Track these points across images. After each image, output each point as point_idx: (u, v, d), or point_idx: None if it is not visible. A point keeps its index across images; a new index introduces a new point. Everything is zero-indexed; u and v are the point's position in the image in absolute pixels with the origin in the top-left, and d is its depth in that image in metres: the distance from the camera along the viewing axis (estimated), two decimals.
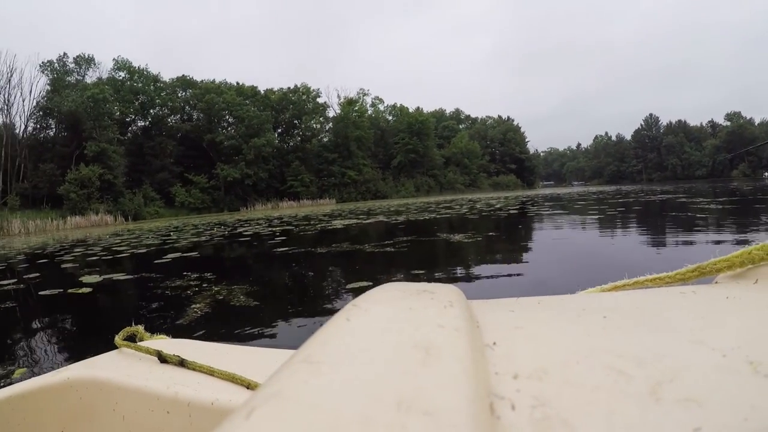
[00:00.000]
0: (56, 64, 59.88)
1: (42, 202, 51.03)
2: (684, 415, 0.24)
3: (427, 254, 6.93)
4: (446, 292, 0.45)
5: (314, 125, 72.95)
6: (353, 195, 68.35)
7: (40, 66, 59.07)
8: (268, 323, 4.03)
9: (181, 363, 0.93)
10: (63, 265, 9.58)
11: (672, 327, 0.37)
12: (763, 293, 0.45)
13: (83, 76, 61.67)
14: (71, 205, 47.39)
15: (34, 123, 57.28)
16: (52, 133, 57.42)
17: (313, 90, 72.83)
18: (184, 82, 66.68)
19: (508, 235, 9.41)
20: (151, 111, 62.67)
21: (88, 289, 5.89)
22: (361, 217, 18.52)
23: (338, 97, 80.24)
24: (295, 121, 71.78)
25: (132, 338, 1.16)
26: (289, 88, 72.95)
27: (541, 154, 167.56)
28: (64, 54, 61.24)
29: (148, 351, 1.01)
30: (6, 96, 56.83)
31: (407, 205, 30.16)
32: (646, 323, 0.39)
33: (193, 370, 0.91)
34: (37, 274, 8.41)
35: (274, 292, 5.50)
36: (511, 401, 0.27)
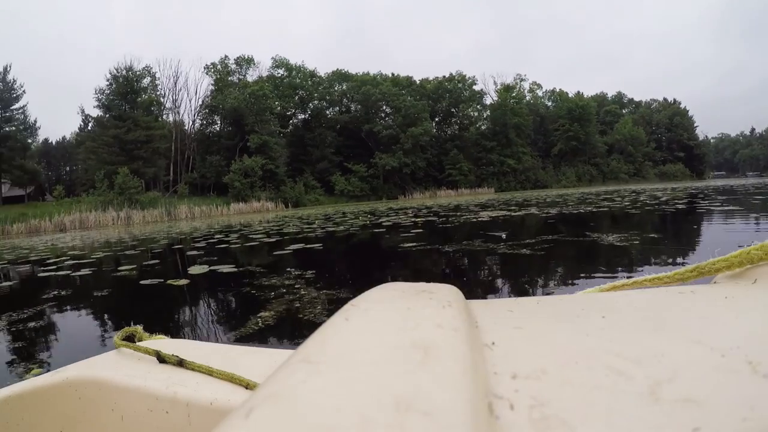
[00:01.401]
0: (219, 66, 61.63)
1: (209, 189, 53.24)
2: (683, 415, 0.24)
3: (563, 262, 5.39)
4: (445, 292, 0.43)
5: (471, 113, 67.49)
6: (512, 184, 62.00)
7: (204, 68, 61.70)
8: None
9: (180, 363, 0.90)
10: (188, 253, 9.13)
11: (671, 327, 0.36)
12: (762, 293, 0.44)
13: (244, 75, 62.95)
14: (235, 193, 47.89)
15: (201, 119, 60.61)
16: (217, 128, 59.35)
17: (469, 78, 67.16)
18: (340, 75, 65.15)
19: (675, 237, 7.29)
20: (310, 104, 62.33)
21: (186, 281, 5.39)
22: (513, 208, 16.41)
23: (495, 83, 73.96)
24: (452, 110, 66.64)
25: (131, 338, 1.10)
26: (444, 76, 67.73)
27: (711, 140, 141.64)
28: (226, 56, 62.87)
29: (146, 351, 0.97)
30: (174, 97, 61.27)
31: (566, 195, 26.99)
32: (645, 323, 0.38)
33: (192, 370, 0.88)
34: (156, 261, 8.24)
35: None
36: (509, 401, 0.26)
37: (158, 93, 57.24)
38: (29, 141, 55.01)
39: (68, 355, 3.00)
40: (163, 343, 1.04)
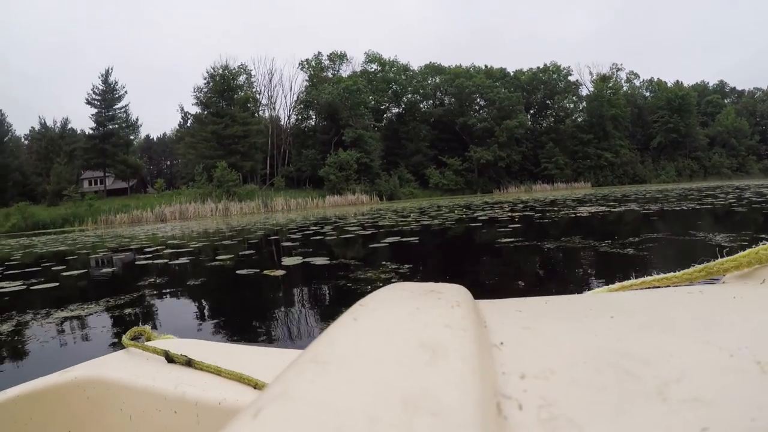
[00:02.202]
0: (312, 62, 61.12)
1: (305, 182, 52.39)
2: (691, 415, 0.23)
3: (670, 263, 3.76)
4: (454, 292, 0.43)
5: (567, 105, 63.11)
6: (609, 179, 57.25)
7: (298, 65, 61.81)
8: None
9: (189, 363, 0.89)
10: (284, 244, 9.07)
11: (679, 327, 0.36)
12: None
13: (338, 71, 61.96)
14: (330, 186, 46.92)
15: (297, 115, 59.62)
16: (312, 123, 58.76)
17: (564, 68, 62.78)
18: (433, 69, 62.74)
19: None
20: (404, 98, 60.22)
21: (282, 272, 5.25)
22: (612, 204, 15.58)
23: (590, 74, 69.42)
24: (547, 102, 62.76)
25: (139, 338, 1.10)
26: (538, 67, 63.70)
27: None
28: (319, 53, 62.40)
29: (155, 351, 0.97)
30: (270, 93, 61.22)
31: (666, 191, 25.08)
32: (653, 323, 0.37)
33: (201, 370, 0.87)
34: (253, 252, 8.17)
35: None
36: (518, 401, 0.26)
37: (254, 90, 56.65)
38: (131, 138, 55.23)
39: None
40: (171, 343, 1.03)
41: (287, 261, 6.12)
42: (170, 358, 0.92)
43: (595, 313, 0.40)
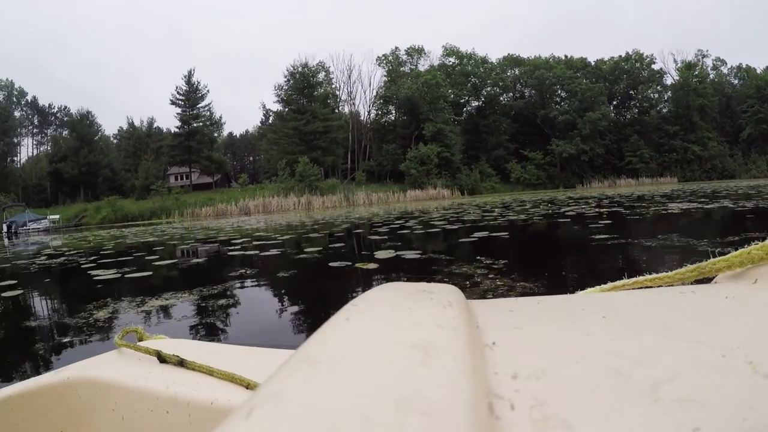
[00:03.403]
0: (390, 57, 60.64)
1: (385, 177, 51.58)
2: (683, 415, 0.23)
3: None
4: (445, 292, 0.42)
5: (651, 95, 59.62)
6: (697, 173, 53.63)
7: (376, 60, 61.45)
8: None
9: (181, 363, 0.89)
10: (370, 237, 8.87)
11: (671, 327, 0.35)
12: (763, 293, 0.43)
13: (416, 66, 60.93)
14: (411, 180, 46.45)
15: (376, 110, 59.22)
16: (392, 117, 58.28)
17: (647, 56, 59.38)
18: (512, 60, 60.84)
19: None
20: (483, 91, 58.96)
21: (375, 265, 5.04)
22: (703, 200, 14.04)
23: (674, 61, 64.31)
24: (631, 92, 59.70)
25: (131, 338, 1.08)
26: (620, 56, 60.36)
27: None
28: (396, 48, 61.66)
29: (147, 351, 0.96)
30: (349, 89, 61.84)
31: (758, 187, 22.84)
32: (645, 323, 0.37)
33: (193, 370, 0.86)
34: (341, 245, 8.08)
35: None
36: (510, 401, 0.25)
37: (333, 86, 56.78)
38: (215, 135, 56.09)
39: (249, 330, 3.12)
40: (163, 343, 1.02)
41: (379, 254, 5.85)
42: (162, 358, 0.91)
43: (587, 313, 0.40)
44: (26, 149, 66.29)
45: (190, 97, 53.55)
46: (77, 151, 54.93)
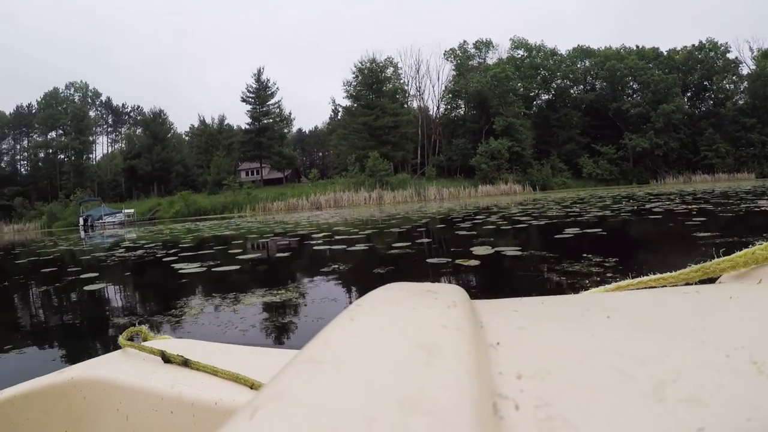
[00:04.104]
0: (458, 51, 59.96)
1: (455, 172, 51.10)
2: (687, 415, 0.23)
3: None
4: (450, 292, 0.42)
5: (727, 86, 56.80)
6: None
7: (443, 54, 60.99)
8: None
9: (185, 363, 0.89)
10: (458, 232, 8.45)
11: (675, 327, 0.35)
12: (767, 293, 0.43)
13: (484, 59, 60.30)
14: (482, 175, 45.73)
15: (445, 104, 58.46)
16: (461, 112, 57.56)
17: (721, 44, 56.70)
18: (582, 51, 59.21)
19: None
20: (553, 84, 57.71)
21: (476, 262, 4.66)
22: None
23: (750, 50, 60.97)
24: (705, 83, 56.91)
25: (136, 338, 1.09)
26: (693, 45, 57.90)
27: None
28: (464, 41, 60.90)
29: (151, 351, 0.96)
30: (418, 84, 61.11)
31: None
32: (649, 323, 0.37)
33: (197, 370, 0.87)
34: (428, 240, 7.55)
35: None
36: (514, 401, 0.25)
37: (401, 81, 56.26)
38: (285, 131, 56.58)
39: None
40: (167, 343, 1.03)
41: (475, 250, 5.48)
42: (166, 359, 0.91)
43: (591, 313, 0.40)
44: (101, 147, 68.87)
45: (260, 94, 54.31)
46: (151, 148, 56.51)
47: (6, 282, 6.25)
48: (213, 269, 5.44)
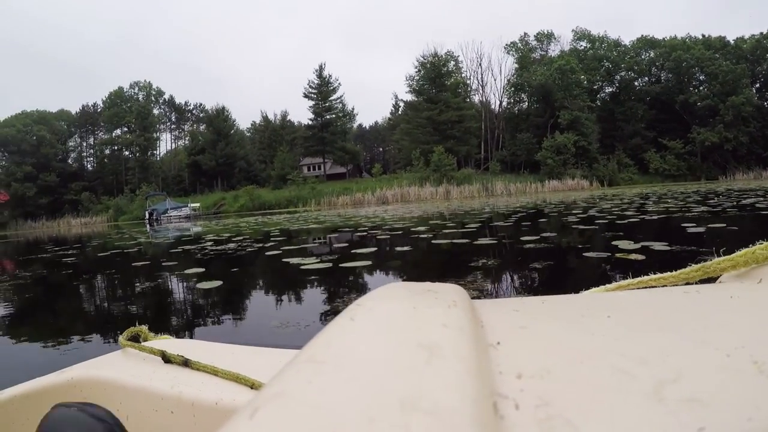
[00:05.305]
0: (519, 44, 59.10)
1: (520, 167, 49.84)
2: (688, 415, 0.23)
3: None
4: (450, 292, 0.42)
5: None
6: None
7: (504, 48, 59.84)
8: None
9: (185, 363, 0.89)
10: (574, 225, 7.94)
11: (676, 327, 0.35)
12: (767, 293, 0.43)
13: (546, 51, 59.43)
14: (548, 170, 44.86)
15: (508, 98, 57.73)
16: (525, 106, 56.63)
17: None
18: (646, 42, 57.39)
19: None
20: (617, 76, 56.18)
21: (640, 257, 4.21)
22: None
23: None
24: None
25: (136, 338, 1.09)
26: (761, 33, 55.69)
27: None
28: (525, 34, 60.22)
29: (152, 351, 0.96)
30: (479, 78, 61.21)
31: None
32: (649, 323, 0.36)
33: (197, 370, 0.87)
34: (552, 234, 6.87)
35: None
36: (514, 401, 0.25)
37: (463, 75, 55.96)
38: (348, 126, 57.39)
39: None
40: (168, 343, 1.03)
41: (620, 244, 5.05)
42: (167, 359, 0.91)
43: (591, 312, 0.40)
44: (165, 143, 70.19)
45: (322, 90, 54.81)
46: (214, 144, 57.51)
47: (97, 275, 6.28)
48: (340, 264, 5.07)
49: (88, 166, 66.67)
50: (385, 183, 43.76)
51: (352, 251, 6.31)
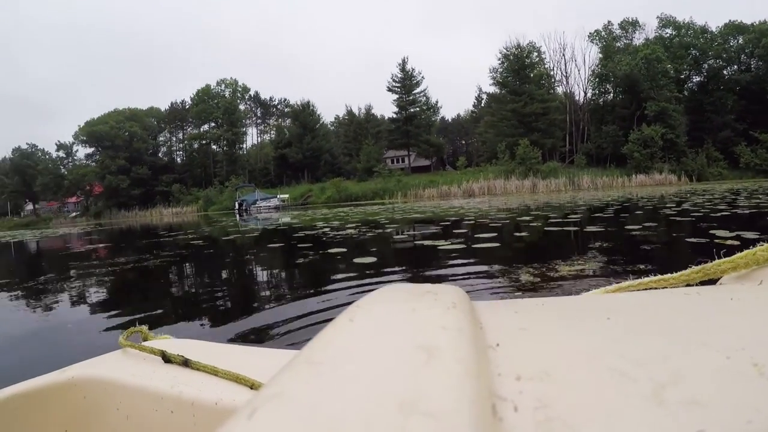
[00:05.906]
0: (603, 33, 57.52)
1: (605, 160, 49.25)
2: (687, 417, 0.23)
3: None
4: (450, 294, 0.42)
5: None
6: None
7: (588, 37, 58.51)
8: None
9: (185, 363, 0.89)
10: (672, 218, 8.10)
11: (676, 328, 0.35)
12: None
13: (631, 40, 57.48)
14: (635, 164, 44.00)
15: (592, 89, 56.68)
16: (610, 97, 55.33)
17: None
18: (734, 27, 54.33)
19: None
20: (705, 65, 53.89)
21: (737, 242, 4.56)
22: None
23: None
24: None
25: (136, 338, 1.09)
26: None
27: None
28: (609, 22, 58.29)
29: (152, 351, 0.96)
30: (563, 69, 59.62)
31: None
32: (649, 325, 0.36)
33: (197, 370, 0.86)
34: (654, 224, 7.33)
35: None
36: (513, 403, 0.25)
37: (546, 66, 55.57)
38: (432, 119, 58.58)
39: None
40: (168, 343, 1.02)
41: (718, 233, 5.33)
42: (167, 358, 0.90)
43: (591, 314, 0.40)
44: (251, 138, 73.07)
45: (406, 83, 56.04)
46: (301, 138, 59.86)
47: (245, 256, 6.79)
48: (471, 246, 5.46)
49: (178, 159, 70.34)
50: (471, 176, 44.70)
51: (474, 235, 6.84)
